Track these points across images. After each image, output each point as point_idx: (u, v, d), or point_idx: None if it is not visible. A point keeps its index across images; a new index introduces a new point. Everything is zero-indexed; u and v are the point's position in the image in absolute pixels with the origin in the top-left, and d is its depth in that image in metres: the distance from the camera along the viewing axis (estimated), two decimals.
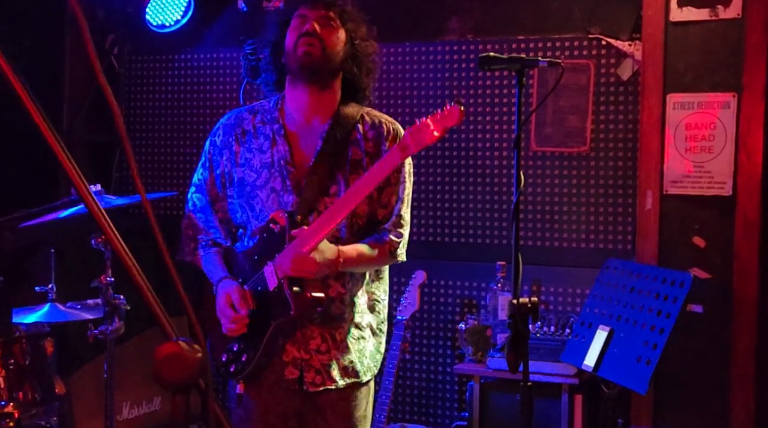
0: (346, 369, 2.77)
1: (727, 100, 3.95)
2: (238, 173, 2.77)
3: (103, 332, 3.44)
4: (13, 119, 3.22)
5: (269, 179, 2.72)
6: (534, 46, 4.42)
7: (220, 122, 2.85)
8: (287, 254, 2.57)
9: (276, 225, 2.64)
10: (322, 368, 2.73)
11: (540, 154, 4.42)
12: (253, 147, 2.76)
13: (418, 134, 2.51)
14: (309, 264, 2.55)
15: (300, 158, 2.73)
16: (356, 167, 2.71)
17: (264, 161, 2.74)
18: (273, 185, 2.71)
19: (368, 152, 2.72)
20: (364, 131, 2.74)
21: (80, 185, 1.29)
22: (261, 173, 2.73)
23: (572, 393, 3.84)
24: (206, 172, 2.84)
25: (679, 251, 4.04)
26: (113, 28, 5.24)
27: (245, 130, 2.78)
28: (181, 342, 1.30)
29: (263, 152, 2.74)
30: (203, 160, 2.86)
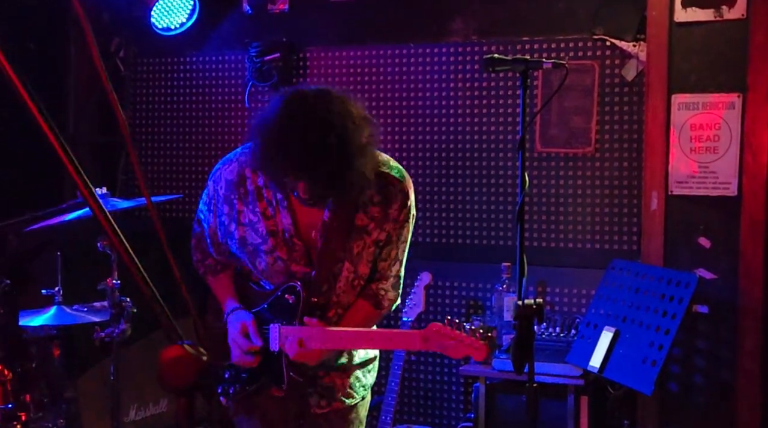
0: (350, 388, 2.81)
1: (732, 100, 3.95)
2: (239, 231, 2.68)
3: (109, 334, 3.44)
4: (18, 122, 3.24)
5: (275, 247, 2.66)
6: (538, 47, 4.42)
7: (221, 174, 2.71)
8: (295, 333, 2.61)
9: (291, 296, 2.65)
10: (326, 392, 2.77)
11: (545, 155, 4.41)
12: (257, 210, 2.66)
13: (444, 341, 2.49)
14: (311, 359, 2.63)
15: (306, 228, 2.66)
16: (361, 232, 2.64)
17: (268, 228, 2.65)
18: (279, 254, 2.66)
19: (374, 217, 2.65)
20: (369, 196, 2.63)
21: (85, 190, 1.29)
22: (267, 240, 2.66)
23: (578, 394, 3.83)
24: (210, 214, 2.76)
25: (685, 251, 4.04)
26: (119, 31, 5.25)
27: (248, 189, 2.66)
28: (186, 346, 1.30)
29: (267, 218, 2.65)
30: (206, 198, 2.77)
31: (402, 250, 2.75)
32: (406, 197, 2.67)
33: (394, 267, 2.75)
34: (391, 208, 2.65)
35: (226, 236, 2.72)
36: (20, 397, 3.22)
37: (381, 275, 2.74)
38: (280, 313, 2.67)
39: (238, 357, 2.68)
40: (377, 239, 2.67)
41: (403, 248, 2.75)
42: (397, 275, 2.77)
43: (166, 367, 1.28)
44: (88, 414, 4.04)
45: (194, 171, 5.22)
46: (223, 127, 5.13)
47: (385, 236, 2.67)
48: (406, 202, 2.67)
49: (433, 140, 4.61)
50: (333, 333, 2.59)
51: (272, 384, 2.69)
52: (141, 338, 3.81)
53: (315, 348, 2.58)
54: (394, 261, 2.74)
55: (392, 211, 2.66)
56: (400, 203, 2.66)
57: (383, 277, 2.74)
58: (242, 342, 2.65)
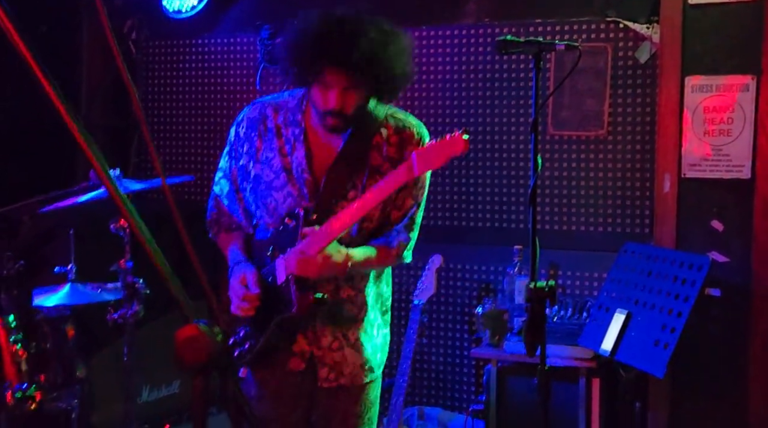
0: (359, 367, 2.80)
1: (746, 82, 3.92)
2: (257, 169, 2.75)
3: (122, 315, 3.46)
4: (31, 104, 3.25)
5: (287, 183, 2.70)
6: (551, 29, 4.40)
7: (245, 114, 2.81)
8: (297, 252, 2.60)
9: (291, 220, 2.66)
10: (335, 365, 2.76)
11: (557, 137, 4.40)
12: (274, 146, 2.72)
13: (426, 156, 2.45)
14: (313, 266, 2.57)
15: (320, 162, 2.70)
16: (375, 172, 2.67)
17: (283, 164, 2.71)
18: (290, 190, 2.70)
19: (389, 157, 2.68)
20: (387, 136, 2.68)
21: (100, 170, 1.30)
22: (280, 175, 2.71)
23: (589, 376, 3.84)
24: (231, 160, 2.83)
25: (697, 234, 4.03)
26: (131, 14, 5.25)
27: (267, 127, 2.74)
28: (201, 325, 1.31)
29: (283, 155, 2.71)
30: (228, 148, 2.84)
31: (417, 198, 2.73)
32: (422, 141, 2.69)
33: (410, 213, 2.72)
34: (407, 150, 2.65)
35: (244, 179, 2.77)
36: (35, 377, 3.25)
37: (393, 223, 2.73)
38: (284, 243, 2.66)
39: (236, 307, 2.68)
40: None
41: (419, 197, 2.73)
42: (412, 218, 2.74)
43: (181, 346, 1.29)
44: (101, 394, 4.07)
45: (205, 154, 5.22)
46: (235, 109, 5.12)
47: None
48: (421, 144, 2.67)
49: (444, 123, 4.60)
50: (329, 225, 2.55)
51: (285, 314, 2.63)
52: (154, 319, 3.83)
53: (315, 250, 2.54)
54: (408, 209, 2.72)
55: (407, 153, 2.63)
56: (416, 146, 2.65)
57: (396, 222, 2.72)
58: (240, 291, 2.66)
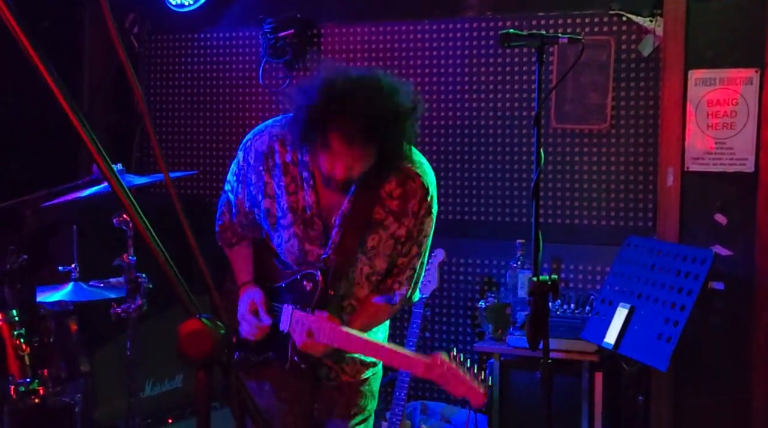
0: (360, 363, 2.83)
1: (750, 75, 3.92)
2: (266, 202, 2.69)
3: (125, 310, 3.46)
4: (34, 99, 3.24)
5: (293, 223, 2.66)
6: (554, 22, 4.39)
7: (251, 142, 2.71)
8: (306, 321, 2.62)
9: (309, 284, 2.66)
10: (335, 365, 2.79)
11: (560, 131, 4.40)
12: (282, 184, 2.66)
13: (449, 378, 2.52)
14: (316, 351, 2.63)
15: (327, 210, 2.66)
16: (377, 226, 2.63)
17: (290, 203, 2.65)
18: (295, 231, 2.67)
19: (392, 211, 2.62)
20: (389, 190, 2.62)
21: (103, 164, 1.30)
22: (286, 214, 2.67)
23: (592, 370, 3.84)
24: (239, 183, 2.76)
25: (701, 228, 4.02)
26: (133, 8, 5.25)
27: (275, 162, 2.66)
28: (204, 319, 1.31)
29: (290, 193, 2.66)
30: (236, 168, 2.77)
31: (421, 246, 2.70)
32: (426, 192, 2.63)
33: (413, 262, 2.71)
34: (410, 202, 2.62)
35: (254, 206, 2.73)
36: (38, 372, 3.25)
37: (399, 270, 2.71)
38: (296, 296, 2.68)
39: (247, 333, 2.71)
40: (395, 234, 2.64)
41: (423, 245, 2.71)
42: (414, 268, 2.73)
43: (184, 341, 1.29)
44: (104, 389, 4.07)
45: (208, 148, 5.22)
46: (237, 103, 5.13)
47: (404, 231, 2.64)
48: (425, 197, 2.63)
49: (447, 116, 4.60)
50: (342, 334, 2.59)
51: (276, 360, 2.71)
52: (157, 314, 3.83)
53: (322, 341, 2.59)
54: (414, 257, 2.70)
55: (411, 205, 2.62)
56: (419, 198, 2.62)
57: (401, 272, 2.72)
58: (251, 320, 2.68)
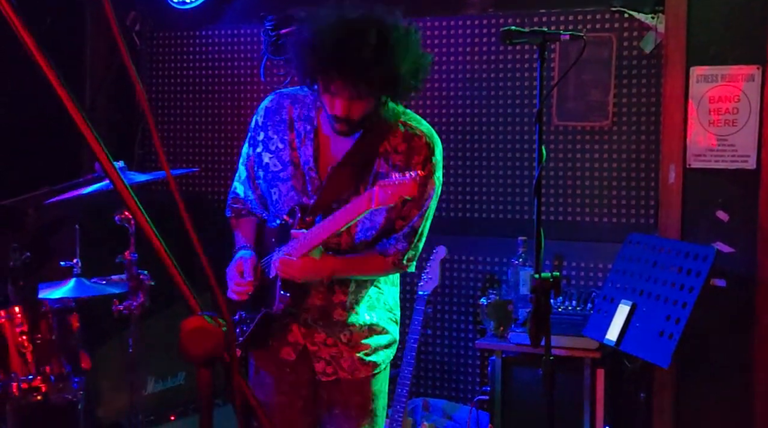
0: (358, 362, 2.81)
1: (752, 72, 3.91)
2: (266, 157, 2.78)
3: (127, 307, 3.47)
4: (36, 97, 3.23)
5: (292, 176, 2.72)
6: (556, 19, 4.39)
7: (263, 104, 2.83)
8: (284, 250, 2.65)
9: (290, 218, 2.70)
10: (332, 360, 2.78)
11: (562, 128, 4.39)
12: (286, 139, 2.74)
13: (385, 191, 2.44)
14: (294, 270, 2.62)
15: (325, 162, 2.70)
16: (379, 179, 2.61)
17: (291, 157, 2.73)
18: (294, 184, 2.72)
19: (396, 166, 2.63)
20: (394, 145, 2.64)
21: (105, 161, 1.30)
22: (287, 167, 2.73)
23: (594, 367, 3.84)
24: (249, 148, 2.86)
25: (703, 225, 4.02)
26: (134, 5, 5.25)
27: (282, 118, 2.76)
28: (206, 316, 1.31)
29: (293, 148, 2.73)
30: (249, 135, 2.87)
31: (421, 209, 2.69)
32: (431, 152, 2.65)
33: (413, 223, 2.69)
34: (414, 159, 2.63)
35: (260, 167, 2.80)
36: (40, 369, 3.26)
37: (396, 230, 2.71)
38: (281, 239, 2.71)
39: (231, 294, 2.74)
40: None
41: (424, 208, 2.69)
42: (414, 227, 2.70)
43: (187, 338, 1.29)
44: (107, 386, 4.08)
45: (210, 145, 5.22)
46: (239, 101, 5.13)
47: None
48: (430, 157, 2.65)
49: (449, 114, 4.60)
50: (308, 234, 2.60)
51: (268, 309, 2.70)
52: (159, 311, 3.84)
53: (298, 254, 2.59)
54: (414, 219, 2.69)
55: (414, 162, 2.62)
56: (424, 157, 2.64)
57: (399, 230, 2.71)
58: (234, 277, 2.72)
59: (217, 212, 4.82)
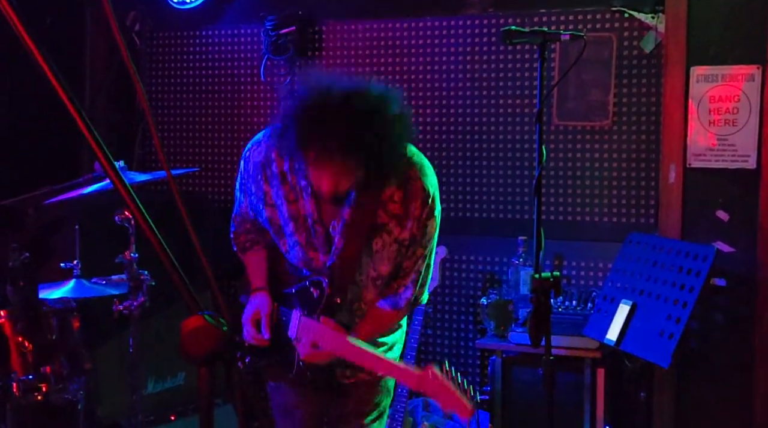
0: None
1: (752, 72, 3.91)
2: (267, 211, 2.71)
3: (127, 307, 3.47)
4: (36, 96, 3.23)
5: (295, 231, 2.68)
6: (556, 19, 4.39)
7: (250, 155, 2.72)
8: (311, 329, 2.63)
9: (316, 291, 2.68)
10: (350, 364, 2.77)
11: (562, 128, 4.39)
12: (281, 193, 2.67)
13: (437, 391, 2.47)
14: (321, 359, 2.66)
15: (327, 217, 2.65)
16: (380, 230, 2.62)
17: (291, 212, 2.67)
18: (298, 239, 2.68)
19: (394, 215, 2.61)
20: (391, 194, 2.60)
21: (105, 161, 1.30)
22: (288, 222, 2.68)
23: (594, 367, 3.84)
24: (242, 194, 2.80)
25: (703, 224, 4.02)
26: (134, 5, 5.25)
27: (273, 172, 2.66)
28: (206, 316, 1.31)
29: (290, 202, 2.66)
30: (240, 179, 2.80)
31: (426, 248, 2.68)
32: (427, 195, 2.60)
33: (418, 265, 2.69)
34: (412, 205, 2.60)
35: (258, 214, 2.76)
36: (40, 369, 3.25)
37: (404, 273, 2.69)
38: (304, 302, 2.70)
39: (247, 336, 2.74)
40: (398, 238, 2.62)
41: (428, 247, 2.68)
42: (419, 271, 2.70)
43: (187, 338, 1.29)
44: (107, 386, 4.08)
45: (210, 145, 5.22)
46: (239, 101, 5.13)
47: (408, 234, 2.61)
48: (427, 199, 2.61)
49: (449, 114, 4.60)
50: (345, 343, 2.60)
51: (282, 366, 2.73)
52: (159, 311, 3.84)
53: (326, 350, 2.61)
54: (419, 259, 2.67)
55: (413, 209, 2.60)
56: (421, 201, 2.60)
57: (406, 275, 2.69)
58: (251, 330, 2.72)
59: (217, 212, 4.83)
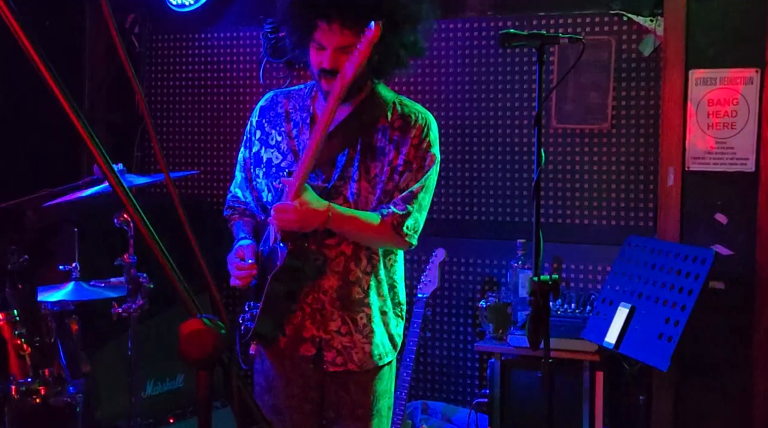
0: (368, 354, 2.79)
1: (750, 75, 3.92)
2: (267, 153, 2.81)
3: (126, 310, 3.47)
4: (35, 98, 3.24)
5: (293, 164, 2.73)
6: (555, 22, 4.39)
7: (258, 104, 2.90)
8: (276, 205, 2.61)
9: (281, 185, 2.69)
10: (344, 350, 2.76)
11: (561, 131, 4.40)
12: (283, 130, 2.79)
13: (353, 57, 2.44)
14: (291, 213, 2.53)
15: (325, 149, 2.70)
16: (379, 153, 2.68)
17: (290, 146, 2.77)
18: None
19: (393, 140, 2.67)
20: (391, 120, 2.70)
21: (104, 163, 1.30)
22: (287, 156, 2.77)
23: (593, 370, 3.84)
24: (246, 150, 2.90)
25: (701, 227, 4.02)
26: (133, 8, 5.25)
27: (278, 112, 2.82)
28: (205, 319, 1.31)
29: (291, 138, 2.78)
30: (244, 138, 2.92)
31: (420, 181, 2.67)
32: (427, 128, 2.70)
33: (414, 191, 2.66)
34: (410, 132, 2.67)
35: (257, 165, 2.83)
36: (39, 371, 3.25)
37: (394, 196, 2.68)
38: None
39: (235, 280, 2.70)
40: (392, 162, 2.66)
41: (423, 180, 2.67)
42: (414, 192, 2.67)
43: (185, 340, 1.29)
44: (106, 389, 4.08)
45: (209, 148, 5.22)
46: (238, 103, 5.13)
47: (402, 160, 2.65)
48: (427, 132, 2.69)
49: (448, 116, 4.60)
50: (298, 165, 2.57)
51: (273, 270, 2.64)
52: (158, 313, 3.84)
53: (291, 194, 2.54)
54: (414, 190, 2.66)
55: (412, 136, 2.67)
56: (419, 130, 2.68)
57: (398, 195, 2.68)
58: (235, 261, 2.68)
59: (216, 214, 4.82)
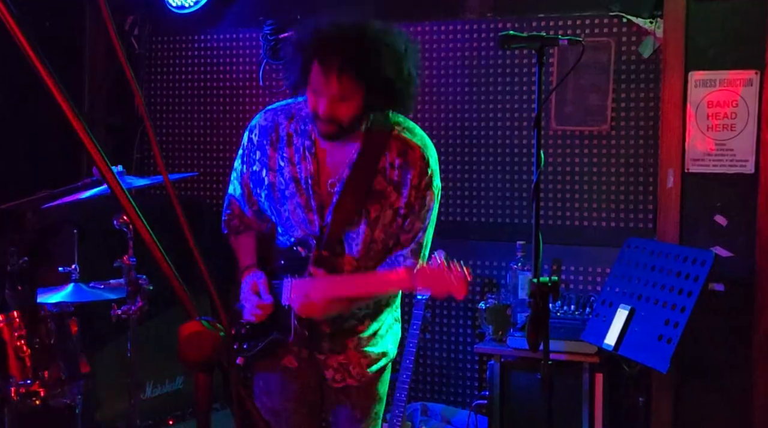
0: (366, 367, 2.82)
1: (750, 77, 3.92)
2: (270, 177, 2.75)
3: (126, 311, 3.46)
4: (35, 99, 3.25)
5: (295, 193, 2.71)
6: (554, 24, 4.39)
7: (257, 121, 2.80)
8: (303, 286, 2.64)
9: (303, 249, 2.69)
10: (340, 367, 2.79)
11: (560, 133, 4.40)
12: (285, 155, 2.72)
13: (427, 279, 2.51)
14: (315, 311, 2.64)
15: (326, 178, 2.70)
16: (379, 196, 2.65)
17: (292, 173, 2.71)
18: (298, 200, 2.71)
19: (392, 181, 2.65)
20: (391, 160, 2.65)
21: (102, 165, 1.30)
22: (289, 184, 2.72)
23: (593, 371, 3.84)
24: (243, 165, 2.83)
25: (701, 229, 4.02)
26: (133, 9, 5.25)
27: (279, 135, 2.73)
28: (204, 321, 1.31)
29: (293, 164, 2.71)
30: (241, 151, 2.84)
31: (424, 221, 2.69)
32: (426, 164, 2.65)
33: (418, 237, 2.70)
34: (411, 173, 2.64)
35: (258, 185, 2.78)
36: (39, 373, 3.25)
37: (402, 245, 2.70)
38: (294, 267, 2.70)
39: (250, 314, 2.72)
40: (394, 205, 2.65)
41: (427, 220, 2.70)
42: (420, 242, 2.71)
43: (185, 342, 1.29)
44: (105, 390, 4.08)
45: (208, 149, 5.22)
46: (238, 105, 5.13)
47: (404, 202, 2.64)
48: (426, 169, 2.65)
49: (448, 118, 4.60)
50: (333, 280, 2.63)
51: (281, 337, 2.70)
52: (157, 315, 3.83)
53: (318, 298, 2.60)
54: (417, 232, 2.69)
55: (411, 176, 2.63)
56: (419, 169, 2.64)
57: (405, 246, 2.70)
58: (252, 299, 2.70)
59: (215, 216, 4.82)
